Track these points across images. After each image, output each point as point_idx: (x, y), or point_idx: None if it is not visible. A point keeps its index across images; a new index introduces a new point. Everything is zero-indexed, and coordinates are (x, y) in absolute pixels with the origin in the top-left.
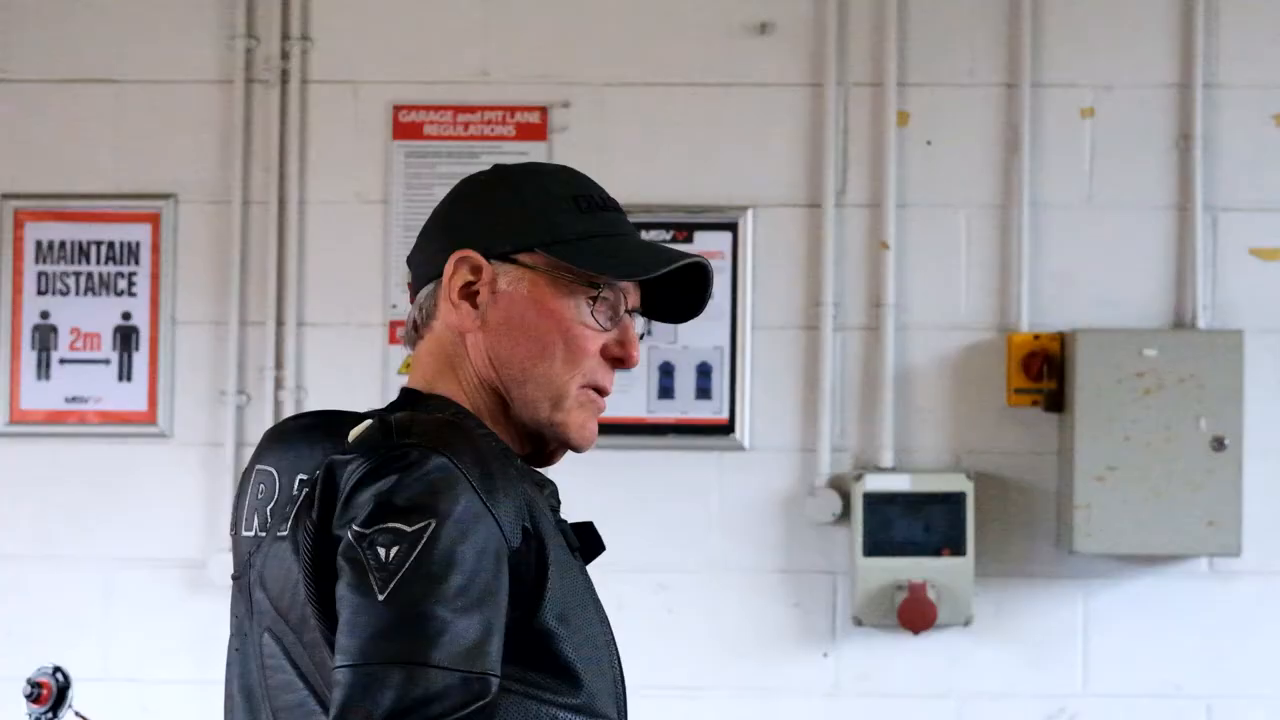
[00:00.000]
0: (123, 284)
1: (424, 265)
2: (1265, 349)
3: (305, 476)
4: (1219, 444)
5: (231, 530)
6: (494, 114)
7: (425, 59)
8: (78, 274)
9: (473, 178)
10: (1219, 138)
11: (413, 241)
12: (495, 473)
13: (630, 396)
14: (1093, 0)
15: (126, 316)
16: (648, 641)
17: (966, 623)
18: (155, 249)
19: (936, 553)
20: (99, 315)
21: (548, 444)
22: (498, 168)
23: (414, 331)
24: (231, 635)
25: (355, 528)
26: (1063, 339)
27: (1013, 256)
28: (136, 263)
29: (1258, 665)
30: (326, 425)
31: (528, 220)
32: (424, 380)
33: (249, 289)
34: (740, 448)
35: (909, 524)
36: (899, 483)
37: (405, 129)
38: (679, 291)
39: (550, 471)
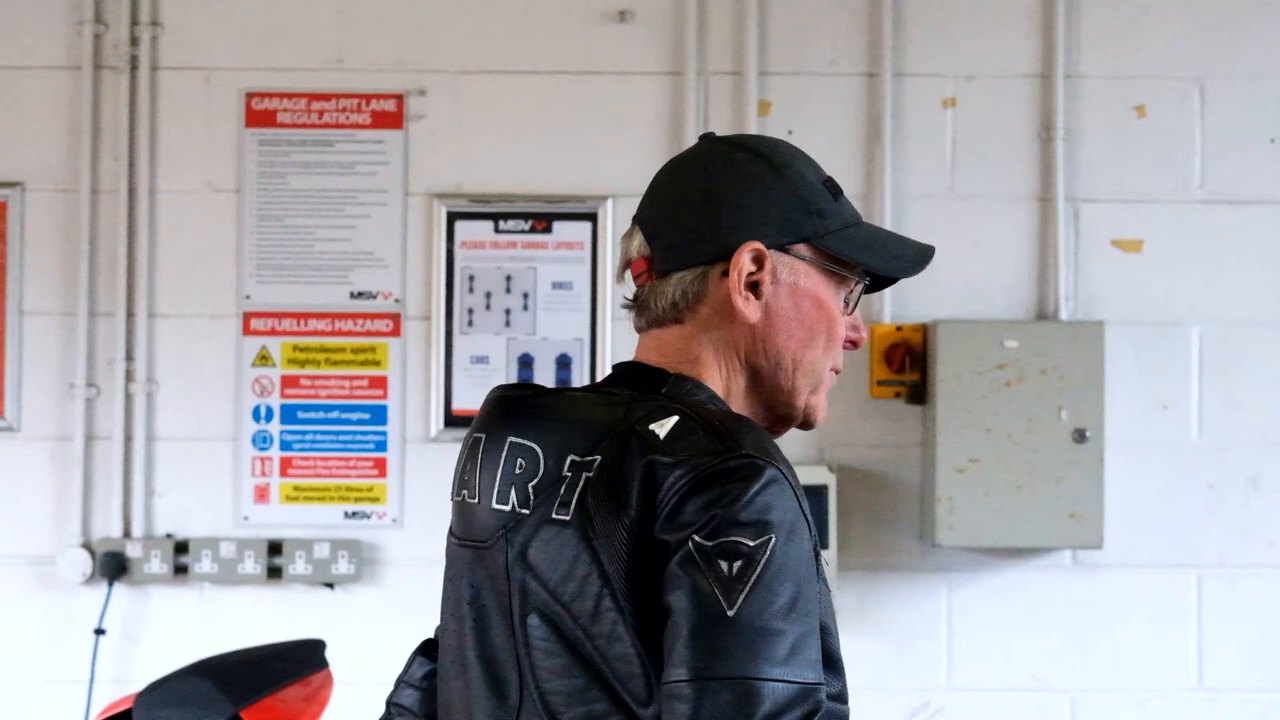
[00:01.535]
0: None
1: (691, 242)
2: (1126, 340)
3: (577, 458)
4: (1080, 436)
5: (470, 497)
6: (349, 101)
7: (278, 45)
8: None
9: (729, 155)
10: (1080, 128)
11: (266, 231)
12: (797, 478)
13: (489, 388)
14: None
15: None
16: None
17: None
18: (1, 239)
19: None
20: None
21: (785, 424)
22: (748, 144)
23: (673, 311)
24: (463, 601)
25: (697, 539)
26: (925, 330)
27: None
28: None
29: (1121, 658)
30: (587, 404)
31: (801, 210)
32: (674, 361)
33: (98, 279)
34: None
35: None
36: None
37: (258, 116)
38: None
39: (400, 460)
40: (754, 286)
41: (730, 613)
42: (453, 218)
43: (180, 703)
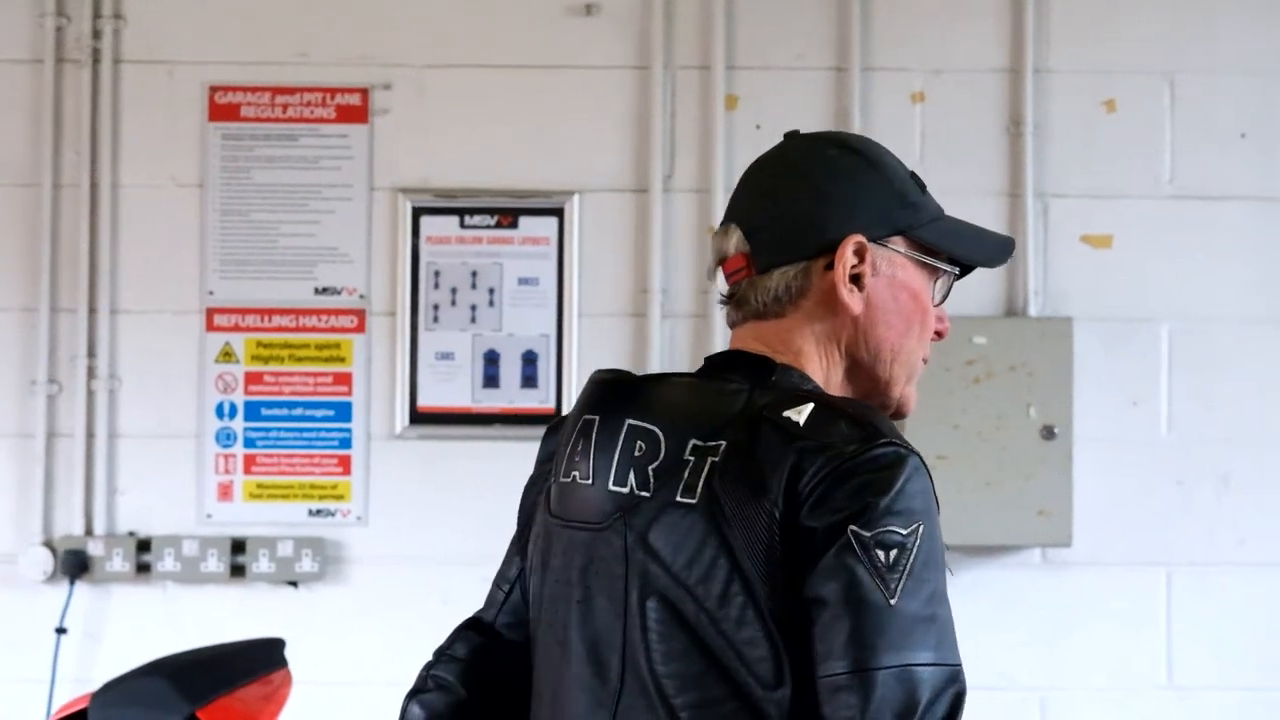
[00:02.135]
0: None
1: (793, 237)
2: (1095, 336)
3: (699, 443)
4: (1049, 433)
5: (582, 478)
6: (313, 95)
7: (242, 39)
8: None
9: (823, 151)
10: (1050, 123)
11: (229, 226)
12: None
13: (454, 385)
14: None
15: None
16: None
17: None
18: None
19: None
20: None
21: None
22: (838, 140)
23: (775, 305)
24: (566, 582)
25: (855, 529)
26: None
27: None
28: None
29: (1090, 656)
30: (702, 389)
31: (896, 203)
32: (776, 352)
33: (60, 275)
34: None
35: None
36: None
37: (221, 110)
38: None
39: (364, 458)
40: (856, 279)
41: (892, 602)
42: (418, 213)
43: (136, 702)
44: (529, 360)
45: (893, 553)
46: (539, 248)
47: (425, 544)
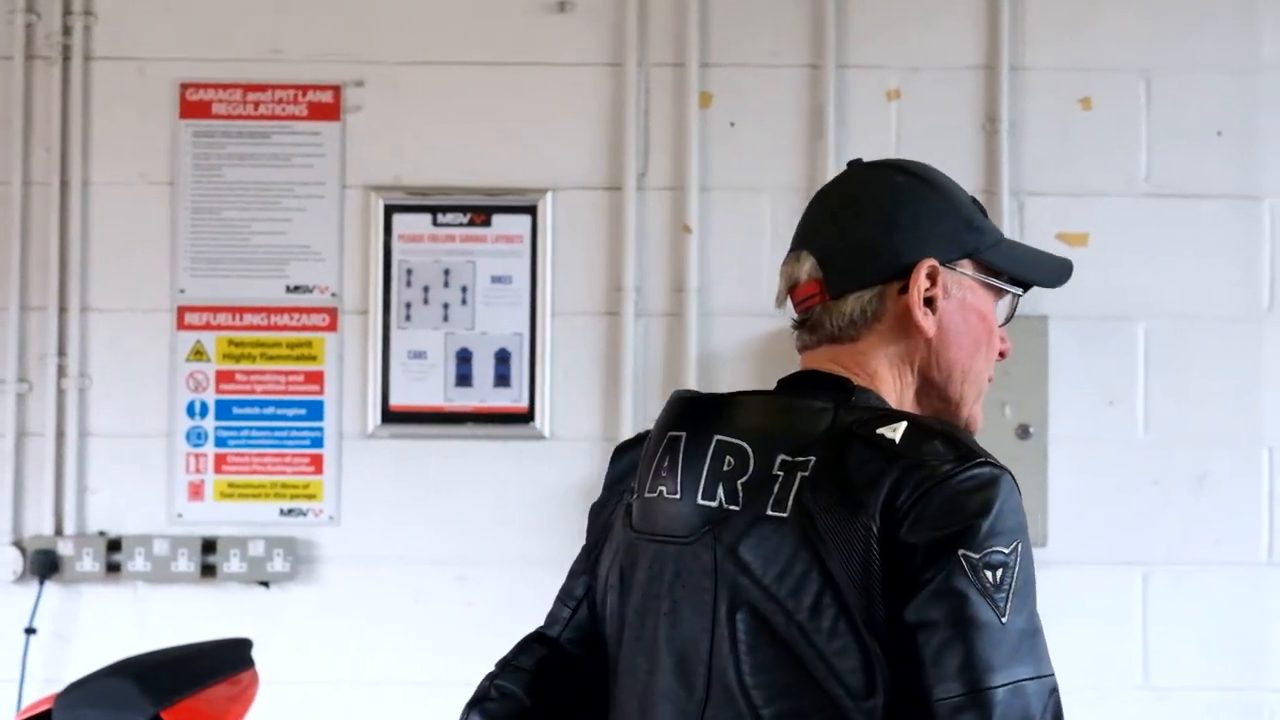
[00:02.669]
0: None
1: (868, 263)
2: (1070, 335)
3: (788, 458)
4: (1024, 432)
5: (670, 493)
6: (285, 93)
7: (214, 35)
8: None
9: (889, 178)
10: (1026, 121)
11: (200, 224)
12: None
13: (427, 384)
14: None
15: None
16: (447, 635)
17: None
18: None
19: None
20: None
21: None
22: (903, 167)
23: (851, 329)
24: (654, 596)
25: (965, 551)
26: None
27: None
28: None
29: (1066, 657)
30: (786, 407)
31: (963, 228)
32: (851, 372)
33: (30, 273)
34: (540, 437)
35: None
36: None
37: (193, 108)
38: None
39: (336, 457)
40: (929, 302)
41: (1004, 620)
42: (390, 210)
43: (100, 703)
44: (502, 359)
45: (999, 572)
46: (512, 246)
47: (397, 543)
